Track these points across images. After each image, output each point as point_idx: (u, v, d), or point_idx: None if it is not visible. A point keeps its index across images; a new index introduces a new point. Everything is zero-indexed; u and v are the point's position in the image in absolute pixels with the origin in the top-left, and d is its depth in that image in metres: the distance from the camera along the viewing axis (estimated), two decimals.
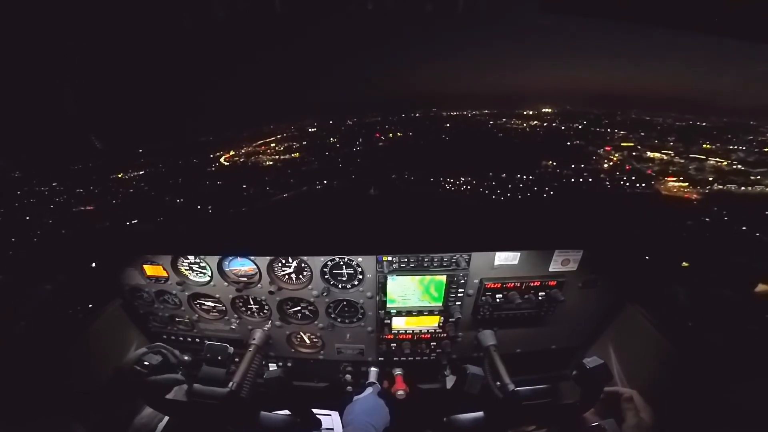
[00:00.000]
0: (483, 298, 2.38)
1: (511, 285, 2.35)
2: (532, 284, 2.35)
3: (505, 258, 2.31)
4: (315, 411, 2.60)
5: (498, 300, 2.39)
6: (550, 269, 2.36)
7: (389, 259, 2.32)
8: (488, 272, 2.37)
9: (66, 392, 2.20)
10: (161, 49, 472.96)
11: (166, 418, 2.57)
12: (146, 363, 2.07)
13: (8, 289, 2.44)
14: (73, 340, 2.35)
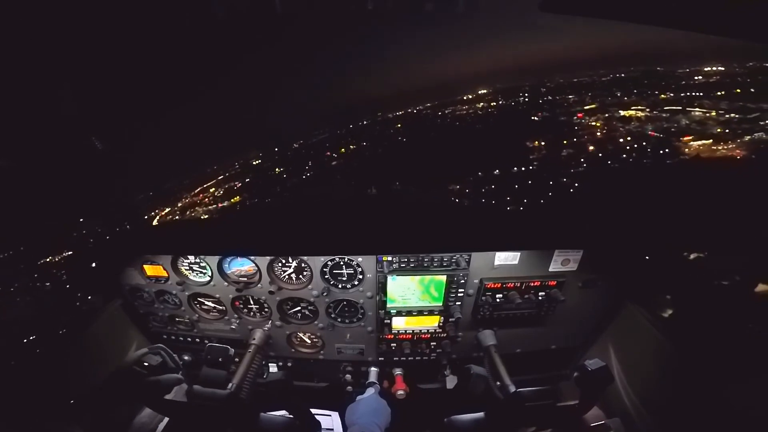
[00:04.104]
0: (483, 298, 2.38)
1: (511, 285, 2.35)
2: (532, 284, 2.35)
3: (505, 258, 2.31)
4: (314, 411, 2.60)
5: (498, 300, 2.39)
6: (550, 269, 2.36)
7: (389, 259, 2.32)
8: (488, 272, 2.37)
9: (66, 393, 2.20)
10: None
11: (166, 418, 2.57)
12: (146, 363, 2.06)
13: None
14: (74, 340, 2.35)
